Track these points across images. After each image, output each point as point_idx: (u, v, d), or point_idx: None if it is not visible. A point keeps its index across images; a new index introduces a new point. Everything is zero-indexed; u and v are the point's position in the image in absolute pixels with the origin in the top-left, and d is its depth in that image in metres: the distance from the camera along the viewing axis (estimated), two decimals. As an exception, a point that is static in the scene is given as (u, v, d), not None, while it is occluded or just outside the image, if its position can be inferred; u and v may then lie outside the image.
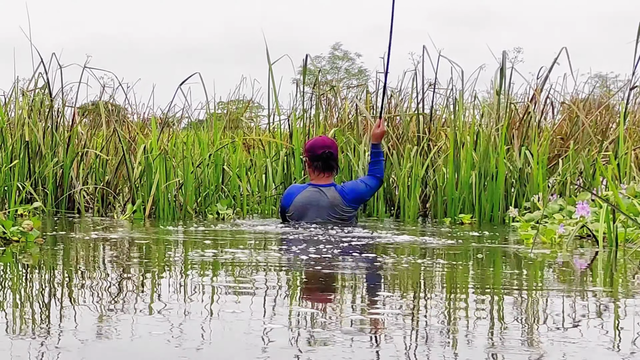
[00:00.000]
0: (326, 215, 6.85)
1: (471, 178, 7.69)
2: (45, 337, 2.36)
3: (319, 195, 6.89)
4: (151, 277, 3.69)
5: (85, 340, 2.32)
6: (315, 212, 6.88)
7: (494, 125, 8.05)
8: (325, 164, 6.94)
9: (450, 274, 3.91)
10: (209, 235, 5.82)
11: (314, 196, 6.91)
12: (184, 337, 2.37)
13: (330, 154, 6.94)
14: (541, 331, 2.52)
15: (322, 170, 6.96)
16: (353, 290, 3.39)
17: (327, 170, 6.97)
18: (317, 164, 6.95)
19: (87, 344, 2.27)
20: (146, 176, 7.72)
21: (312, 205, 6.89)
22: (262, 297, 3.08)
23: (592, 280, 3.81)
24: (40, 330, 2.46)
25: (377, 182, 6.99)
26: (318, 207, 6.88)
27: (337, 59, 50.23)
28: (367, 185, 6.96)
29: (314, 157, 6.95)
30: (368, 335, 2.42)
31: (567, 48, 8.04)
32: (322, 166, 6.95)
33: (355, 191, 6.94)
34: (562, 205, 6.54)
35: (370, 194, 7.03)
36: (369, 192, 7.00)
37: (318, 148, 6.95)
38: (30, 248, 4.68)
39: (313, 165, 6.98)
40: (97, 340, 2.33)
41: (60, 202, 8.08)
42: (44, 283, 3.49)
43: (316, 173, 6.99)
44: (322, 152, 6.92)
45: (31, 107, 8.51)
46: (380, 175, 6.99)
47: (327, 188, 6.92)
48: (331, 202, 6.87)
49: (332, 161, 6.97)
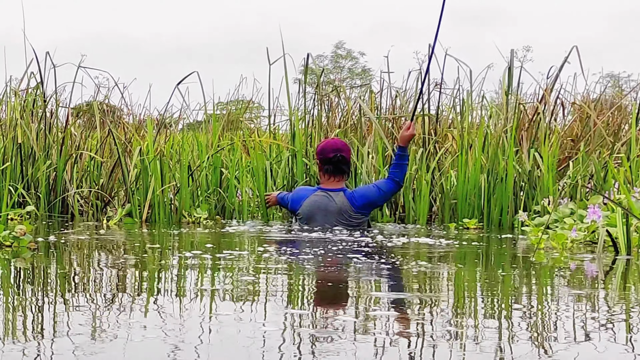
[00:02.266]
0: (334, 220, 6.89)
1: (479, 181, 7.68)
2: (39, 342, 2.37)
3: (327, 200, 6.93)
4: (148, 282, 3.70)
5: (79, 344, 2.33)
6: (322, 218, 6.91)
7: (503, 126, 8.06)
8: (336, 167, 6.97)
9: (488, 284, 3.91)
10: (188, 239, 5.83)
11: (322, 201, 6.94)
12: (182, 342, 2.38)
13: (342, 158, 6.96)
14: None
15: (332, 174, 6.99)
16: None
17: (338, 174, 6.99)
18: (328, 168, 6.98)
19: (82, 348, 2.29)
20: (142, 179, 7.73)
21: (320, 210, 6.93)
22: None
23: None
24: (34, 335, 2.47)
25: (393, 186, 6.98)
26: (326, 212, 6.92)
27: (340, 58, 50.24)
28: (380, 190, 6.96)
29: (325, 161, 6.98)
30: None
31: (577, 47, 8.05)
32: (332, 170, 6.98)
33: (366, 196, 6.95)
34: (573, 209, 6.54)
35: (383, 198, 7.05)
36: (382, 197, 7.01)
37: (329, 151, 6.98)
38: (23, 253, 4.70)
39: (324, 168, 7.01)
40: (92, 344, 2.35)
41: (53, 205, 8.06)
42: (37, 288, 3.50)
43: (327, 177, 7.02)
44: (333, 156, 6.95)
45: (24, 108, 8.49)
46: (399, 179, 6.96)
47: (336, 193, 6.95)
48: (339, 208, 6.90)
49: (344, 165, 6.99)
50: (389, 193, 7.02)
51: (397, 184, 6.97)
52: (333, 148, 6.99)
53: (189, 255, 4.66)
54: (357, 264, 4.44)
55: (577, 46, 8.06)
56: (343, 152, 6.99)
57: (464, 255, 5.18)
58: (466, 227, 7.35)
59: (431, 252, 5.17)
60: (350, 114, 9.36)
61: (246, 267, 4.23)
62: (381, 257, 4.82)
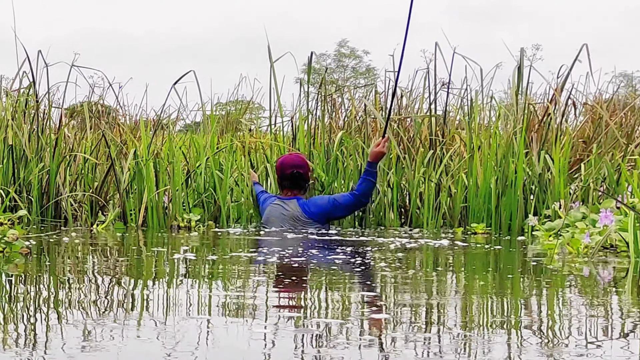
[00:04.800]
0: (289, 226, 7.32)
1: (488, 185, 7.67)
2: (31, 350, 2.39)
3: (280, 208, 7.42)
4: (141, 287, 3.72)
5: (73, 354, 2.35)
6: (278, 224, 7.36)
7: (512, 127, 8.04)
8: (292, 183, 7.46)
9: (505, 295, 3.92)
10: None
11: (277, 209, 7.43)
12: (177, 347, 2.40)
13: (299, 174, 7.42)
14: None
15: (289, 189, 7.49)
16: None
17: (294, 189, 7.48)
18: (285, 183, 7.49)
19: (75, 357, 2.31)
20: (137, 183, 7.71)
21: (276, 217, 7.40)
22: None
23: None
24: (27, 344, 2.49)
25: (351, 200, 7.32)
26: (281, 219, 7.36)
27: (344, 57, 50.31)
28: (336, 202, 7.34)
29: (283, 177, 7.49)
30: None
31: (587, 45, 8.04)
32: (289, 185, 7.48)
33: (319, 206, 7.37)
34: (584, 213, 6.54)
35: (340, 210, 7.40)
36: (337, 209, 7.37)
37: (287, 167, 7.45)
38: (15, 258, 4.71)
39: (282, 184, 7.53)
40: (84, 352, 2.36)
41: (46, 210, 8.03)
42: (30, 295, 3.52)
43: (284, 192, 7.52)
44: (290, 172, 7.42)
45: (15, 109, 8.47)
46: (360, 193, 7.27)
47: (290, 201, 7.43)
48: (292, 215, 7.34)
49: (301, 181, 7.46)
50: (346, 206, 7.36)
51: (357, 198, 7.29)
52: (290, 164, 7.44)
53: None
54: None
55: (587, 45, 8.08)
56: (300, 168, 7.44)
57: (472, 261, 5.19)
58: (474, 232, 7.34)
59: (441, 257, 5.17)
60: (355, 115, 9.36)
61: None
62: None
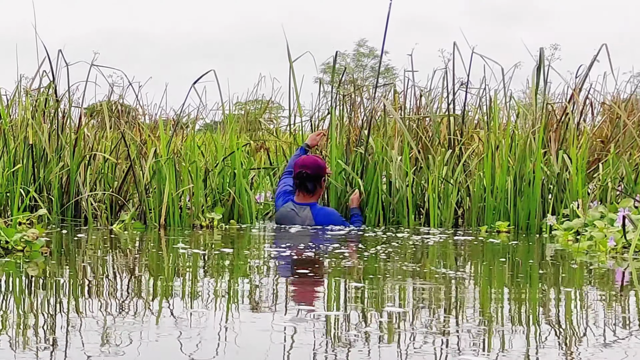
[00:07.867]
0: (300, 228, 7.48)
1: (507, 184, 7.66)
2: (51, 352, 2.41)
3: (293, 214, 7.64)
4: (161, 286, 3.74)
5: (93, 355, 2.37)
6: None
7: (530, 127, 8.03)
8: (300, 183, 7.62)
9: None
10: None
11: (289, 214, 7.64)
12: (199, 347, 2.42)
13: (307, 176, 7.55)
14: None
15: (298, 188, 7.66)
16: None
17: (302, 190, 7.64)
18: (295, 182, 7.66)
19: (96, 358, 2.33)
20: (157, 182, 7.69)
21: (286, 221, 7.64)
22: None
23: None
24: (45, 345, 2.51)
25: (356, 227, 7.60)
26: (291, 224, 7.57)
27: (362, 56, 50.24)
28: (344, 222, 7.64)
29: (294, 175, 7.67)
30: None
31: (607, 45, 8.03)
32: (298, 184, 7.65)
33: (329, 219, 7.60)
34: (603, 213, 6.53)
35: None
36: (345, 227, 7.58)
37: (298, 166, 7.62)
38: (35, 257, 4.74)
39: (293, 182, 7.71)
40: (105, 354, 2.38)
41: (66, 209, 8.02)
42: (49, 295, 3.54)
43: (297, 193, 7.70)
44: (298, 171, 7.59)
45: (35, 108, 8.49)
46: (356, 226, 7.61)
47: (303, 207, 7.62)
48: (302, 221, 7.55)
49: (309, 182, 7.58)
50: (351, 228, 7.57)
51: (356, 229, 7.48)
52: (301, 164, 7.60)
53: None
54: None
55: (606, 44, 8.06)
56: (309, 169, 7.55)
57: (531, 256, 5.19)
58: (498, 231, 7.34)
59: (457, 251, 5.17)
60: (373, 113, 9.35)
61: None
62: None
